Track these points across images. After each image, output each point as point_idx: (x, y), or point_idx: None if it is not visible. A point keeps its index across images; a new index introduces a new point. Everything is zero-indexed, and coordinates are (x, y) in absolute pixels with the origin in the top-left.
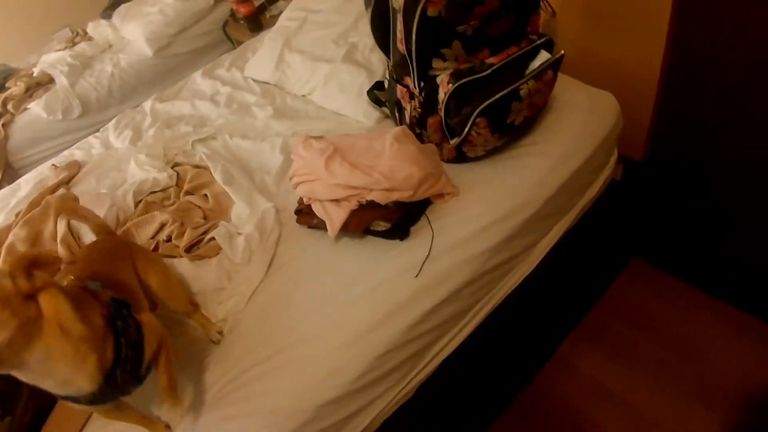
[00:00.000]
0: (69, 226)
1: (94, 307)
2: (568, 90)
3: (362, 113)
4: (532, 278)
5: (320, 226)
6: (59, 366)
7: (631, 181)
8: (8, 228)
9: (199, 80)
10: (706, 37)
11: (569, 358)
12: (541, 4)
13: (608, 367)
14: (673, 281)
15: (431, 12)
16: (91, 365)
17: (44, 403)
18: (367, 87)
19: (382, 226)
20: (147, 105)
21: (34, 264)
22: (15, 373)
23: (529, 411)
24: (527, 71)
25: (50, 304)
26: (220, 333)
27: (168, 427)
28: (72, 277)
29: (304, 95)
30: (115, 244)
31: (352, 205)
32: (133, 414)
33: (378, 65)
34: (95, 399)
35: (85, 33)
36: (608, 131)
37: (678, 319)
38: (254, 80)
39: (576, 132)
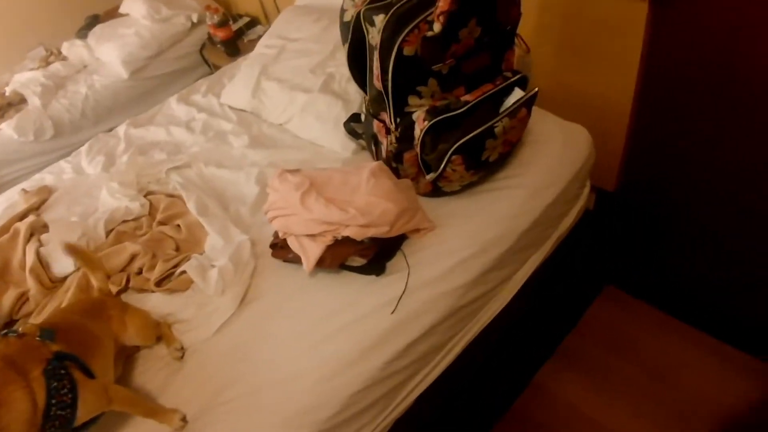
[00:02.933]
0: (38, 255)
1: (30, 366)
2: (541, 123)
3: (339, 144)
4: (508, 309)
5: (295, 260)
6: None
7: (604, 210)
8: None
9: (174, 106)
10: (677, 70)
11: (546, 385)
12: (516, 40)
13: (584, 392)
14: (646, 307)
15: (407, 51)
16: None
17: None
18: (343, 117)
19: (357, 261)
20: (121, 130)
21: None
22: None
23: None
24: (501, 108)
25: None
26: (181, 350)
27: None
28: (31, 324)
29: (280, 124)
30: (92, 304)
31: (328, 240)
32: None
33: (355, 96)
34: None
35: (60, 52)
36: (581, 164)
37: (651, 344)
38: (230, 107)
39: (549, 165)
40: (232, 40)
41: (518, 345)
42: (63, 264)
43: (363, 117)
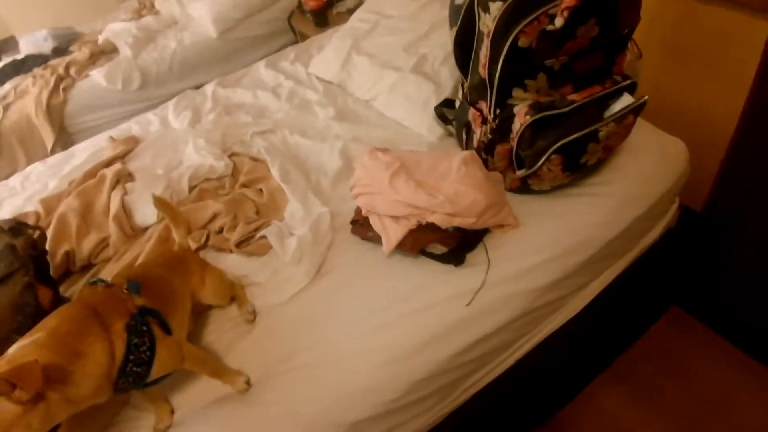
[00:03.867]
0: (122, 202)
1: (113, 319)
2: (638, 132)
3: (425, 127)
4: (577, 317)
5: (375, 239)
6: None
7: (686, 229)
8: (59, 196)
9: (262, 70)
10: None
11: (594, 396)
12: (629, 44)
13: (631, 410)
14: (709, 333)
15: (522, 42)
16: (108, 393)
17: None
18: (433, 101)
19: (438, 249)
20: (209, 88)
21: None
22: None
23: None
24: (607, 113)
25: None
26: (253, 313)
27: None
28: (119, 275)
29: (367, 100)
30: (175, 258)
31: (411, 224)
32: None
33: (447, 80)
34: None
35: (152, 6)
36: (675, 179)
37: (708, 372)
38: (318, 77)
39: (642, 177)
40: (322, 10)
41: (577, 352)
42: (146, 214)
43: (458, 103)
